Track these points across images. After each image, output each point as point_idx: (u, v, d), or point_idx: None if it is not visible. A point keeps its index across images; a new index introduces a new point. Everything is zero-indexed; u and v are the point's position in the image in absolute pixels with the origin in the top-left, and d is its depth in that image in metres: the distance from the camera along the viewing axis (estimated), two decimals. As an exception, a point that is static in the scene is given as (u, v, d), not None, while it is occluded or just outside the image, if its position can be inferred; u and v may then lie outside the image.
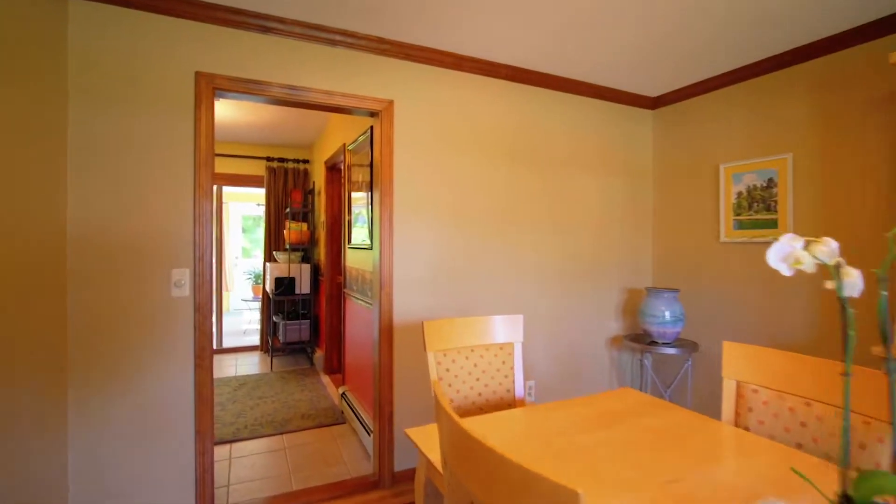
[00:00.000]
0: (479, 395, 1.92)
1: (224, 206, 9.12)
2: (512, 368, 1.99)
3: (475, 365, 1.93)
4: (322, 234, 4.86)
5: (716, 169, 3.01)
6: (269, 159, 5.55)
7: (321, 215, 4.91)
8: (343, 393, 3.61)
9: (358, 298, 3.34)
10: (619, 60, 2.74)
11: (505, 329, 2.01)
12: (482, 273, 2.80)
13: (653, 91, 3.28)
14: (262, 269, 5.62)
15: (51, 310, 1.82)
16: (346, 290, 3.77)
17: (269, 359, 5.00)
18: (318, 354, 4.89)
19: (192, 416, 2.12)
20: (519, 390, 1.98)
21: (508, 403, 1.96)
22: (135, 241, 2.04)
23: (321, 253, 4.94)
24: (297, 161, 5.67)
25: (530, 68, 2.88)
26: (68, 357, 1.92)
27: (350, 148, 3.55)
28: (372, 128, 2.99)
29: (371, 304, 3.01)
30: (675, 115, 3.29)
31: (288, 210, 5.07)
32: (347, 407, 3.45)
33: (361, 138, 3.18)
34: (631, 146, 3.37)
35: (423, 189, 2.64)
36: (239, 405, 3.74)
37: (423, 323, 1.85)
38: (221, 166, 5.47)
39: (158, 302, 2.07)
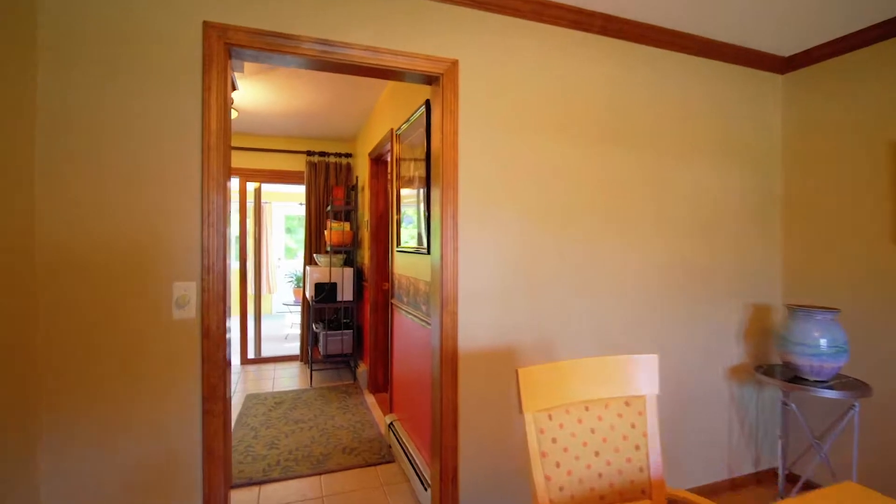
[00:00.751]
0: (600, 475, 1.28)
1: (267, 205, 8.92)
2: (644, 435, 1.34)
3: (592, 431, 1.30)
4: (366, 235, 4.35)
5: (892, 147, 2.21)
6: (309, 153, 5.11)
7: (365, 214, 4.40)
8: (391, 423, 3.06)
9: (409, 313, 2.77)
10: (746, 8, 2.02)
11: (632, 375, 1.36)
12: (569, 286, 2.15)
13: (784, 49, 2.51)
14: (302, 271, 5.18)
15: (13, 340, 1.34)
16: (394, 301, 3.21)
17: (308, 371, 4.56)
18: (362, 369, 4.38)
19: (198, 481, 1.60)
20: (656, 468, 1.33)
21: (641, 489, 1.31)
22: (124, 248, 1.54)
23: (365, 256, 4.44)
24: (340, 155, 5.20)
25: (629, 17, 2.20)
26: (37, 407, 1.45)
27: (399, 132, 2.99)
28: (428, 103, 2.41)
29: (427, 323, 2.43)
30: (820, 78, 2.50)
31: (329, 208, 4.60)
32: (396, 441, 2.89)
33: (415, 116, 2.61)
34: (753, 121, 2.61)
35: (496, 179, 2.03)
36: (273, 431, 3.27)
37: (517, 371, 1.24)
38: (259, 162, 5.08)
39: (155, 327, 1.57)
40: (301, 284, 6.83)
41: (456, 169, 1.96)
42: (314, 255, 4.76)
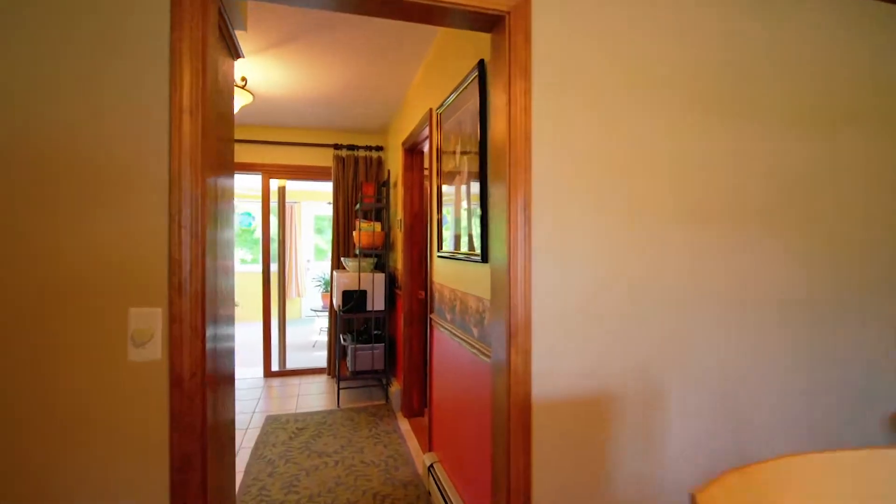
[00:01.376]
0: None
1: (295, 205, 8.59)
2: None
3: None
4: (399, 236, 3.84)
5: None
6: (336, 147, 4.65)
7: (398, 212, 3.89)
8: (431, 465, 2.52)
9: (455, 335, 2.22)
10: None
11: None
12: (684, 309, 1.54)
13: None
14: (330, 276, 4.73)
15: None
16: (433, 317, 2.67)
17: (335, 388, 4.09)
18: (395, 389, 3.86)
19: None
20: None
21: None
22: (56, 260, 1.06)
23: (398, 259, 3.92)
24: (369, 148, 4.72)
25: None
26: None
27: (441, 110, 2.44)
28: (483, 65, 1.85)
29: (482, 354, 1.87)
30: None
31: (358, 207, 4.11)
32: (437, 489, 2.35)
33: (463, 86, 2.05)
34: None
35: (588, 159, 1.45)
36: (292, 467, 2.79)
37: (690, 495, 0.67)
38: (283, 157, 4.66)
39: (99, 377, 1.08)
40: (329, 289, 6.40)
41: (528, 146, 1.40)
42: (342, 258, 4.29)
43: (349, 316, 3.91)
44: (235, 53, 1.89)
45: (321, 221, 9.01)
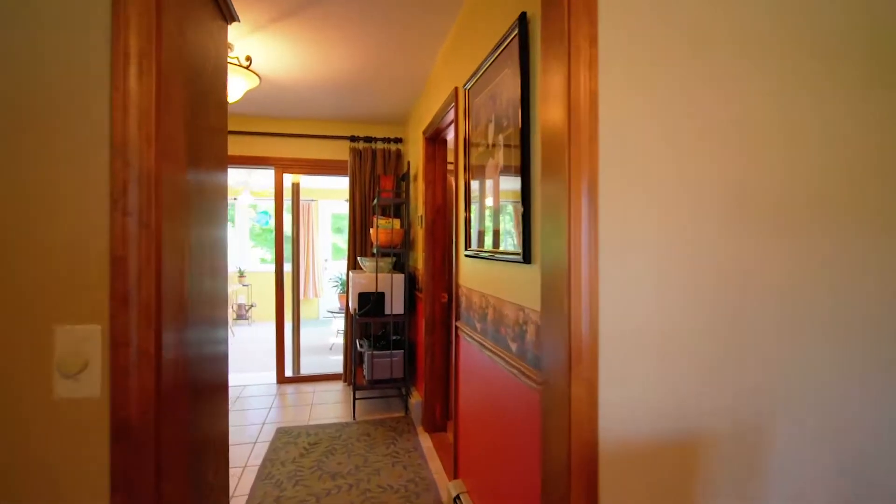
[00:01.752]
0: None
1: (313, 203, 8.38)
2: None
3: None
4: (420, 234, 3.52)
5: None
6: (353, 139, 4.36)
7: (419, 207, 3.58)
8: (457, 497, 2.19)
9: (486, 348, 1.88)
10: None
11: None
12: (801, 337, 1.17)
13: None
14: (346, 276, 4.45)
15: None
16: (459, 325, 2.34)
17: (351, 397, 3.79)
18: (416, 400, 3.55)
19: None
20: None
21: None
22: (-59, 259, 0.77)
23: (418, 259, 3.61)
24: (388, 140, 4.41)
25: None
26: None
27: (469, 87, 2.10)
28: (525, 19, 1.51)
29: (525, 376, 1.52)
30: None
31: (376, 202, 3.81)
32: (465, 527, 2.02)
33: (499, 50, 1.71)
34: None
35: (669, 138, 1.10)
36: (302, 490, 2.50)
37: None
38: (297, 150, 4.39)
39: (12, 419, 0.78)
40: (346, 289, 6.14)
41: (594, 109, 1.05)
42: (359, 258, 4.00)
43: (366, 320, 3.61)
44: (228, 15, 1.59)
45: (339, 220, 8.78)
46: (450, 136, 3.09)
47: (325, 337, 6.75)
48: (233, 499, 2.42)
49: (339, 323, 7.23)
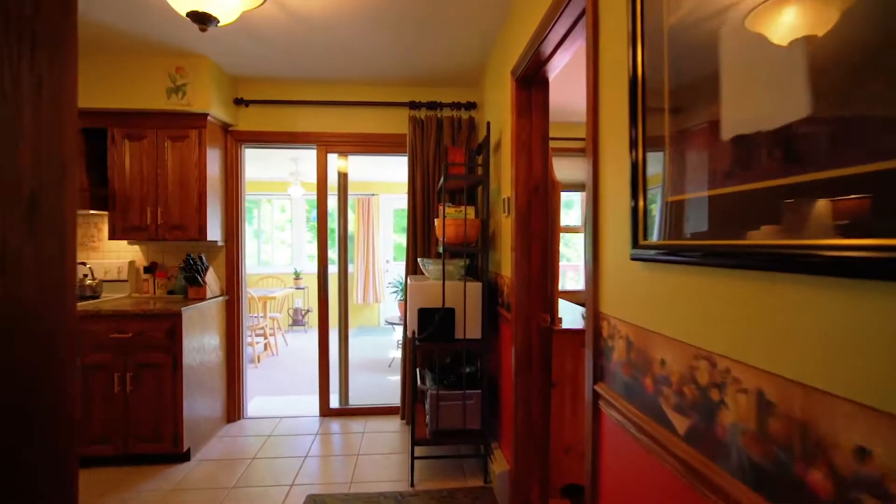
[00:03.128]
0: None
1: (373, 197, 7.55)
2: None
3: None
4: (505, 226, 2.43)
5: None
6: (413, 105, 3.36)
7: (504, 188, 2.48)
8: None
9: (690, 475, 0.75)
10: None
11: None
12: None
13: None
14: (403, 284, 3.47)
15: None
16: (603, 392, 1.20)
17: (409, 446, 2.77)
18: (501, 467, 2.45)
19: None
20: None
21: None
22: None
23: (503, 261, 2.52)
24: (458, 106, 3.37)
25: None
26: None
27: None
28: None
29: None
30: None
31: (442, 183, 2.78)
32: None
33: None
34: None
35: None
36: None
37: None
38: (344, 123, 3.47)
39: None
40: (404, 298, 5.19)
41: None
42: (420, 259, 2.98)
43: (429, 345, 2.57)
44: None
45: (402, 218, 7.90)
46: (557, 67, 1.96)
47: (384, 349, 5.86)
48: None
49: (400, 334, 6.32)
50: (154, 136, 3.02)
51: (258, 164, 5.96)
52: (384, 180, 7.43)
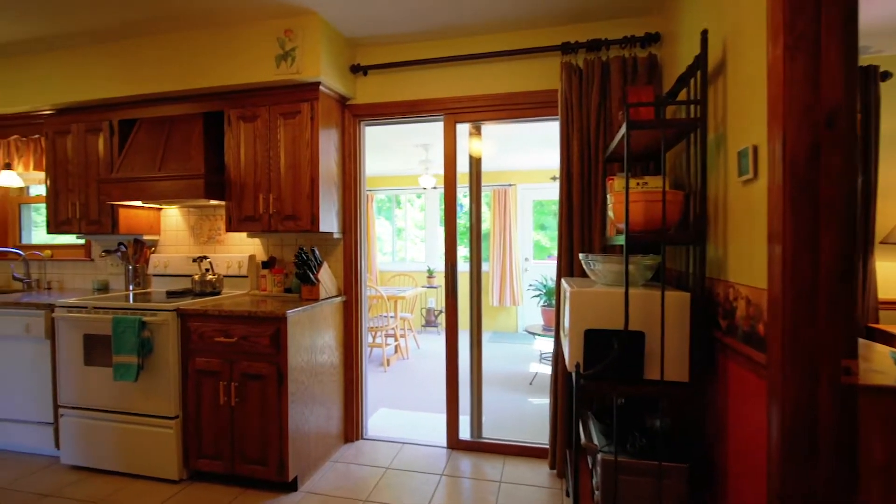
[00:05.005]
0: None
1: (510, 188, 6.75)
2: None
3: None
4: (749, 199, 1.42)
5: None
6: (566, 49, 2.49)
7: (751, 130, 1.46)
8: None
9: None
10: None
11: None
12: None
13: None
14: (556, 288, 2.61)
15: None
16: None
17: (561, 494, 1.94)
18: None
19: None
20: None
21: None
22: None
23: (741, 258, 1.51)
24: (630, 42, 2.41)
25: None
26: None
27: None
28: None
29: None
30: None
31: (615, 145, 1.86)
32: None
33: None
34: None
35: None
36: None
37: None
38: (474, 83, 2.75)
39: None
40: (553, 303, 4.29)
41: None
42: (581, 255, 2.10)
43: (597, 382, 1.69)
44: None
45: (543, 214, 6.98)
46: None
47: (522, 361, 5.04)
48: None
49: (544, 344, 5.44)
50: (266, 114, 2.67)
51: (389, 156, 5.64)
52: (522, 168, 6.61)
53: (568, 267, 2.48)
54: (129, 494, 2.37)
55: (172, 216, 3.27)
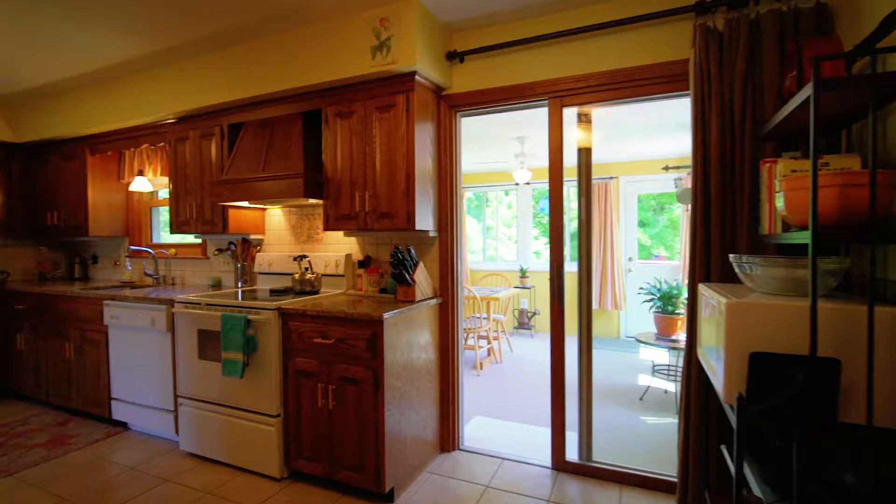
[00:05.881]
0: None
1: (611, 182, 6.16)
2: None
3: None
4: None
5: None
6: (701, 8, 2.08)
7: None
8: None
9: None
10: None
11: None
12: None
13: None
14: (688, 300, 2.21)
15: None
16: None
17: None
18: None
19: None
20: None
21: None
22: None
23: None
24: (793, -14, 1.93)
25: None
26: None
27: None
28: None
29: None
30: None
31: (776, 121, 1.46)
32: None
33: None
34: None
35: None
36: None
37: None
38: (584, 59, 2.43)
39: None
40: (669, 308, 3.78)
41: None
42: (733, 258, 1.71)
43: (766, 423, 1.31)
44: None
45: (643, 210, 6.33)
46: None
47: (628, 371, 4.56)
48: None
49: (653, 354, 4.90)
50: (362, 109, 2.59)
51: (479, 150, 5.44)
52: (625, 159, 6.04)
53: (703, 270, 2.08)
54: (236, 487, 2.42)
55: (275, 216, 3.36)
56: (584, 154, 2.61)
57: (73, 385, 3.40)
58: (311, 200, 2.82)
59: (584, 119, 2.65)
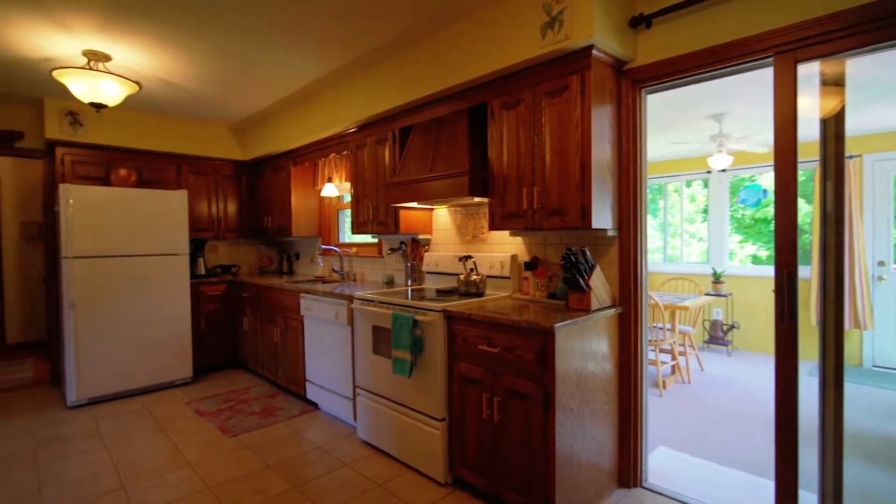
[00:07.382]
0: None
1: (852, 162, 4.67)
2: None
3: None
4: None
5: None
6: None
7: None
8: None
9: None
10: None
11: None
12: None
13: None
14: None
15: None
16: None
17: None
18: None
19: None
20: None
21: None
22: None
23: None
24: None
25: None
26: None
27: None
28: None
29: None
30: None
31: None
32: None
33: None
34: None
35: None
36: None
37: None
38: (789, 4, 1.78)
39: None
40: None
41: None
42: None
43: None
44: None
45: (908, 189, 4.68)
46: None
47: (879, 414, 3.38)
48: None
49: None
50: (530, 96, 2.37)
51: (659, 135, 4.71)
52: (871, 130, 4.58)
53: None
54: (403, 484, 2.45)
55: (442, 216, 3.38)
56: (832, 124, 1.94)
57: (280, 364, 3.97)
58: (477, 199, 2.72)
59: (828, 78, 1.97)
